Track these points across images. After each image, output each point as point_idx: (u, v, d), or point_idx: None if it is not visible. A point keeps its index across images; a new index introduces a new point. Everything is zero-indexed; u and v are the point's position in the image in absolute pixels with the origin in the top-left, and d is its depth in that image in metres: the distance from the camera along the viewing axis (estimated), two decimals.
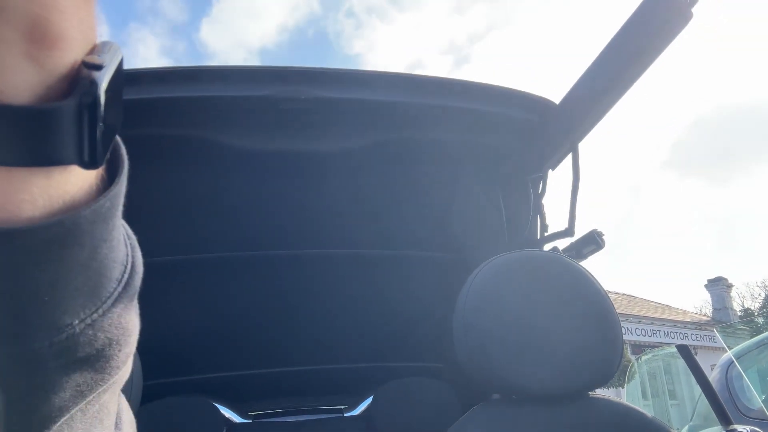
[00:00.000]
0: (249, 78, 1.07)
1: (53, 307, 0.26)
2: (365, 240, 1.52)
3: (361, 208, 1.45)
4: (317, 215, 1.46)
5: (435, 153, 1.28)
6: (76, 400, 0.30)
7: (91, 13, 0.26)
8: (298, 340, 1.78)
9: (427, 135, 1.22)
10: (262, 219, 1.46)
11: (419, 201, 1.44)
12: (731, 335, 4.72)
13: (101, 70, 0.25)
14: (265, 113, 1.11)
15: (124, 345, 0.31)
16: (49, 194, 0.25)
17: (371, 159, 1.25)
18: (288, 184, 1.34)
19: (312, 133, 1.17)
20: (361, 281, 1.62)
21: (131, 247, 0.32)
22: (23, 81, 0.23)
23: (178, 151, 1.18)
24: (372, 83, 1.13)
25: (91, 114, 0.24)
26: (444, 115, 1.16)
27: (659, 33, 0.94)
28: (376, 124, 1.17)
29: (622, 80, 1.04)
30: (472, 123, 1.19)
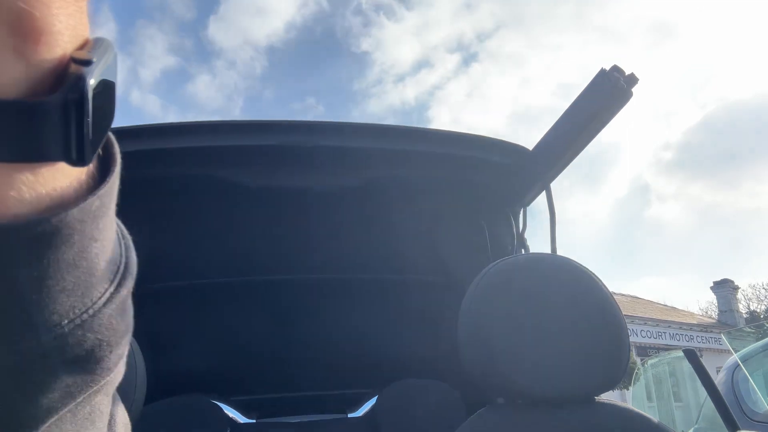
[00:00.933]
0: (260, 130, 1.26)
1: (41, 306, 0.26)
2: (364, 265, 1.69)
3: (359, 237, 1.61)
4: (321, 245, 1.63)
5: (426, 189, 1.46)
6: (65, 401, 0.29)
7: (81, 8, 0.25)
8: (303, 352, 1.90)
9: (419, 174, 1.40)
10: (269, 247, 1.63)
11: (412, 231, 1.60)
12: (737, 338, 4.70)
13: (90, 65, 0.25)
14: (275, 158, 1.29)
15: (115, 346, 0.31)
16: (36, 191, 0.25)
17: (368, 195, 1.42)
18: (293, 216, 1.51)
19: (316, 175, 1.35)
20: (356, 300, 1.78)
21: (125, 246, 0.31)
22: (8, 75, 0.23)
23: (198, 189, 1.38)
24: (369, 133, 1.33)
25: (78, 110, 0.24)
26: (434, 159, 1.35)
27: (605, 107, 1.15)
28: (373, 167, 1.35)
29: (582, 138, 1.23)
30: (458, 165, 1.38)
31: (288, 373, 1.95)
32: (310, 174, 1.35)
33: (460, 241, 1.59)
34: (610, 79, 1.11)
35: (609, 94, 1.12)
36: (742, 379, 3.14)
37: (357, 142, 1.31)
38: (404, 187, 1.42)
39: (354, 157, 1.33)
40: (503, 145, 1.38)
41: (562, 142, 1.25)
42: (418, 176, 1.40)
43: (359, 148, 1.31)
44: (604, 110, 1.15)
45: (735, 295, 23.20)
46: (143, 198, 1.17)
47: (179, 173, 1.30)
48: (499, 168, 1.39)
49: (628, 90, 1.11)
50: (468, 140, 1.37)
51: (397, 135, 1.34)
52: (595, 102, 1.15)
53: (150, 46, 40.73)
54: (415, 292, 1.75)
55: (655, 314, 20.24)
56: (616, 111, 1.16)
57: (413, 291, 1.75)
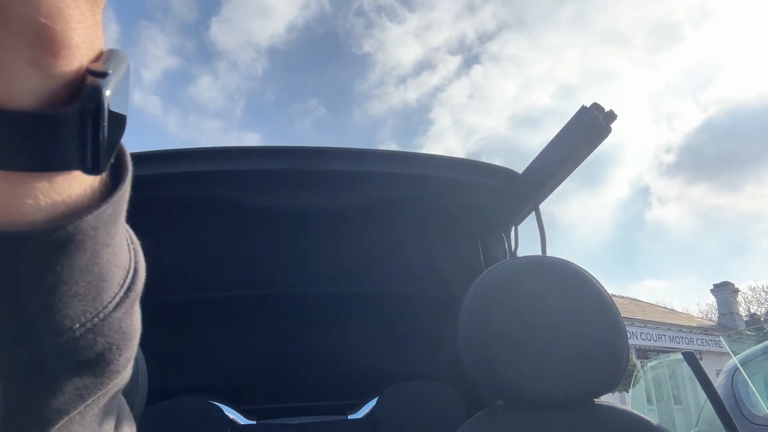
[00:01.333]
0: (270, 155, 1.37)
1: (54, 310, 0.27)
2: (365, 280, 1.79)
3: (360, 253, 1.73)
4: (324, 261, 1.74)
5: (424, 209, 1.55)
6: (75, 403, 0.30)
7: (97, 22, 0.26)
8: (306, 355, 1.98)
9: (417, 196, 1.49)
10: (275, 263, 1.74)
11: (410, 247, 1.70)
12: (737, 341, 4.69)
13: (106, 77, 0.25)
14: (284, 181, 1.41)
15: (124, 349, 0.31)
16: (52, 198, 0.25)
17: (369, 215, 1.53)
18: (298, 234, 1.62)
19: (320, 196, 1.45)
20: (356, 311, 1.88)
21: (134, 251, 0.32)
22: (28, 87, 0.24)
23: (210, 209, 1.48)
24: (369, 158, 1.44)
25: (94, 120, 0.25)
26: (430, 182, 1.45)
27: (585, 142, 1.23)
28: (373, 189, 1.46)
29: (565, 168, 1.32)
30: (452, 187, 1.47)
31: (291, 381, 2.02)
32: (314, 195, 1.45)
33: (455, 257, 1.69)
34: (590, 116, 1.18)
35: (589, 130, 1.19)
36: (741, 382, 3.14)
37: (358, 167, 1.41)
38: (403, 207, 1.52)
39: (355, 180, 1.43)
40: (494, 169, 1.47)
41: (548, 170, 1.34)
42: (415, 197, 1.50)
43: (360, 172, 1.42)
44: (585, 144, 1.23)
45: (735, 297, 23.17)
46: (161, 217, 1.32)
47: (194, 195, 1.40)
48: (491, 190, 1.48)
49: (607, 126, 1.18)
50: (461, 164, 1.48)
51: (395, 160, 1.44)
52: (576, 137, 1.23)
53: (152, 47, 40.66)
54: (413, 304, 1.83)
55: (654, 317, 20.22)
56: (595, 145, 1.24)
57: (411, 304, 1.83)
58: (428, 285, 1.80)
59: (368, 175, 1.41)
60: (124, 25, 38.40)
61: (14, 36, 0.23)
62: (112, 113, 0.26)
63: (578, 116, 1.21)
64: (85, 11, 0.25)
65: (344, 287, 1.79)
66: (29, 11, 0.23)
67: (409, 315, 1.81)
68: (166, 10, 42.18)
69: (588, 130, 1.19)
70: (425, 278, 1.78)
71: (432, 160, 1.45)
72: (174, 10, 41.88)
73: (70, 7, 0.24)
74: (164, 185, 1.32)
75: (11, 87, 0.23)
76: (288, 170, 1.36)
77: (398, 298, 1.82)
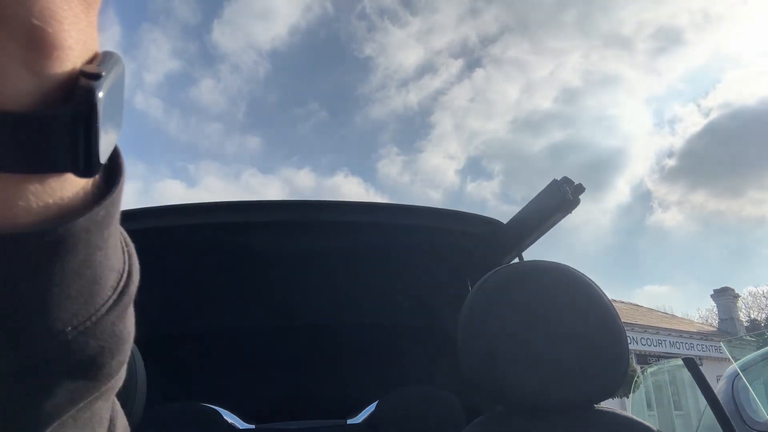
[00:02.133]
0: (276, 208, 1.51)
1: (46, 313, 0.26)
2: (363, 311, 1.95)
3: (359, 291, 1.86)
4: (325, 296, 1.89)
5: (417, 252, 1.69)
6: (67, 407, 0.29)
7: (91, 24, 0.26)
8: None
9: (411, 241, 1.63)
10: (282, 296, 1.88)
11: (405, 284, 1.85)
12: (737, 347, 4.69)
13: (99, 79, 0.25)
14: (288, 230, 1.55)
15: (117, 353, 0.31)
16: (44, 201, 0.25)
17: (369, 256, 1.68)
18: (304, 275, 1.76)
19: (319, 241, 1.60)
20: (351, 340, 2.03)
21: (128, 254, 0.32)
22: (20, 88, 0.24)
23: (216, 252, 1.62)
24: (365, 210, 1.60)
25: (86, 122, 0.25)
26: (422, 230, 1.60)
27: (556, 211, 1.34)
28: (375, 235, 1.60)
29: (541, 229, 1.44)
30: (443, 234, 1.62)
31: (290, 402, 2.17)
32: (315, 241, 1.60)
33: (446, 292, 1.82)
34: (560, 190, 1.29)
35: (559, 202, 1.30)
36: (742, 387, 3.13)
37: (355, 218, 1.56)
38: (398, 250, 1.67)
39: (352, 229, 1.58)
40: (481, 219, 1.62)
41: (526, 228, 1.48)
42: (410, 242, 1.64)
43: (356, 222, 1.56)
44: (556, 214, 1.35)
45: (735, 303, 23.15)
46: (176, 260, 1.50)
47: (202, 241, 1.56)
48: (479, 237, 1.61)
49: (575, 199, 1.29)
50: (451, 215, 1.63)
51: (391, 211, 1.61)
52: (548, 207, 1.35)
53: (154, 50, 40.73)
54: (406, 334, 1.99)
55: (655, 322, 20.21)
56: (566, 214, 1.36)
57: (404, 334, 2.00)
58: (419, 317, 1.95)
59: (363, 225, 1.56)
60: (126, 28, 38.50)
61: (6, 37, 0.23)
62: (106, 115, 0.26)
63: (549, 189, 1.33)
64: (78, 13, 0.25)
65: (344, 317, 1.94)
66: (21, 12, 0.23)
67: (400, 341, 1.98)
68: (168, 13, 42.28)
69: (558, 202, 1.30)
70: (417, 311, 1.94)
71: (424, 211, 1.60)
72: (176, 13, 41.98)
73: (63, 9, 0.24)
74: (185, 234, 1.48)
75: (3, 88, 0.23)
76: (298, 221, 1.49)
77: (392, 327, 1.98)
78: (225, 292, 1.81)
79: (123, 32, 36.83)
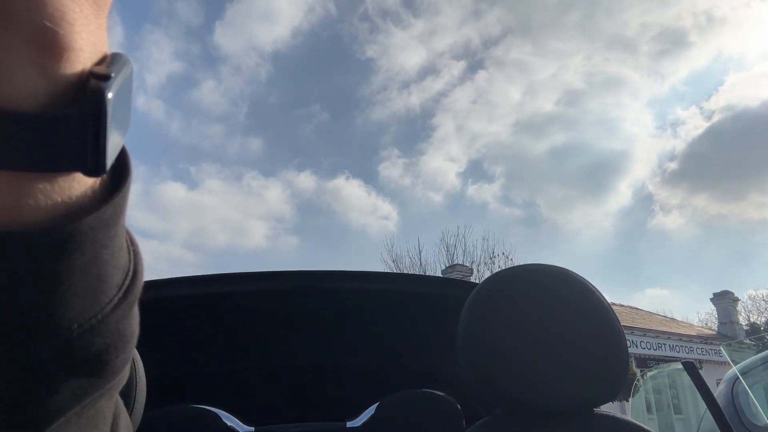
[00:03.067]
0: (274, 279, 1.62)
1: (52, 310, 0.27)
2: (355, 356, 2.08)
3: (357, 343, 2.00)
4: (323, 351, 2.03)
5: (409, 311, 1.82)
6: (71, 403, 0.30)
7: (101, 26, 0.27)
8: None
9: (402, 303, 1.78)
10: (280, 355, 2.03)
11: (401, 335, 1.97)
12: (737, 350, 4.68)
13: (108, 80, 0.26)
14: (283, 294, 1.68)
15: (121, 351, 0.31)
16: (52, 199, 0.26)
17: (364, 313, 1.82)
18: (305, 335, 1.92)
19: (319, 304, 1.74)
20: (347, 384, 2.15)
21: (134, 253, 0.32)
22: (30, 88, 0.24)
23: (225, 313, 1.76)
24: (358, 278, 1.71)
25: (95, 122, 0.25)
26: (413, 295, 1.75)
27: None
28: (366, 296, 1.74)
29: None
30: (429, 297, 1.76)
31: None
32: (316, 306, 1.75)
33: (435, 337, 1.89)
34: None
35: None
36: (741, 391, 3.13)
37: (351, 285, 1.69)
38: (394, 309, 1.82)
39: (350, 296, 1.73)
40: (462, 283, 1.75)
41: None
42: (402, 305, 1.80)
43: (352, 289, 1.70)
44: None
45: (735, 306, 23.13)
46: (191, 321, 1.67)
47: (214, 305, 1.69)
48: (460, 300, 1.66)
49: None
50: (441, 281, 1.83)
51: (382, 279, 1.80)
52: None
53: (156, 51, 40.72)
54: (403, 377, 2.10)
55: (654, 325, 20.19)
56: None
57: (401, 377, 2.11)
58: (416, 362, 2.07)
59: (357, 291, 1.70)
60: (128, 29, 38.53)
61: (18, 38, 0.23)
62: (114, 116, 0.26)
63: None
64: (89, 15, 0.25)
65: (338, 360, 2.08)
66: (33, 14, 0.23)
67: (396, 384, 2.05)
68: (170, 14, 42.28)
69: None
70: (414, 356, 2.06)
71: (414, 278, 1.86)
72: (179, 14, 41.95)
73: (74, 11, 0.25)
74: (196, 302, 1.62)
75: (14, 88, 0.24)
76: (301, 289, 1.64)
77: (390, 370, 2.11)
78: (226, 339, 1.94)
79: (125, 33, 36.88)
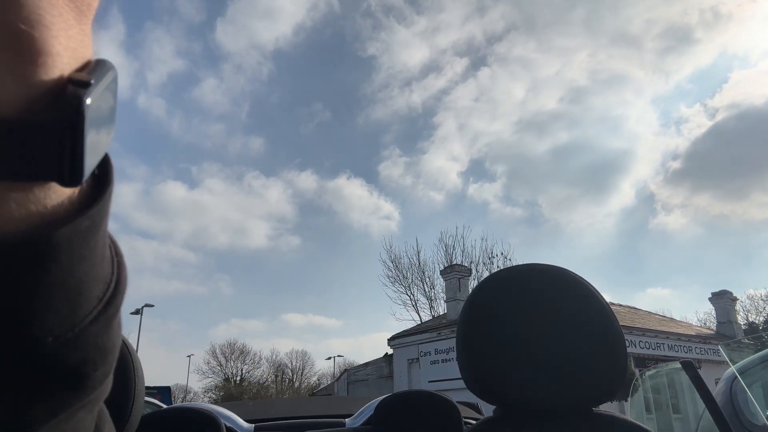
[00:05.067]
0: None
1: (25, 324, 0.26)
2: None
3: None
4: None
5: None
6: (47, 418, 0.29)
7: (84, 31, 0.26)
8: None
9: None
10: None
11: None
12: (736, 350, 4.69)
13: (88, 87, 0.25)
14: None
15: (101, 364, 0.30)
16: (26, 209, 0.25)
17: None
18: None
19: None
20: None
21: (117, 263, 0.31)
22: (4, 93, 0.23)
23: None
24: None
25: (73, 131, 0.24)
26: None
27: None
28: None
29: None
30: None
31: None
32: None
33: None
34: None
35: None
36: (740, 390, 3.13)
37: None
38: None
39: None
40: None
41: None
42: None
43: None
44: None
45: (733, 306, 23.14)
46: None
47: None
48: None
49: None
50: None
51: None
52: None
53: (157, 49, 40.63)
54: None
55: (653, 325, 20.19)
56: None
57: None
58: None
59: None
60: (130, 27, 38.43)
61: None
62: (94, 124, 0.25)
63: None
64: (68, 19, 0.25)
65: None
66: (8, 16, 0.23)
67: None
68: (172, 12, 42.21)
69: None
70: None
71: None
72: (180, 11, 41.89)
73: (51, 14, 0.24)
74: None
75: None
76: None
77: None
78: None
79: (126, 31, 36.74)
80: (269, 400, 7.61)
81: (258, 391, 37.03)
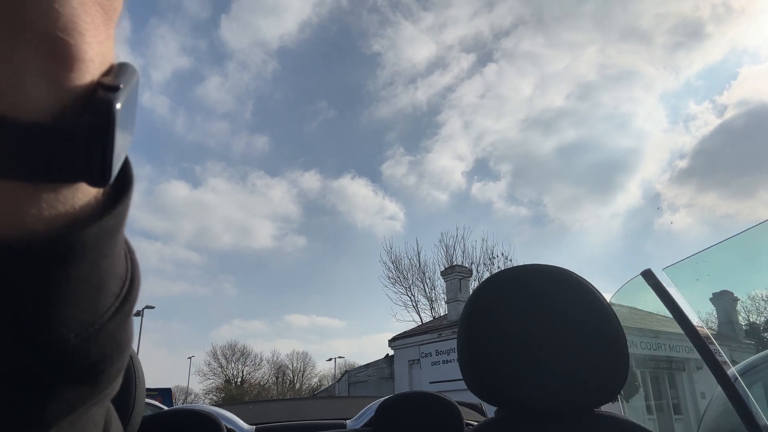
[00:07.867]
0: None
1: (49, 321, 0.27)
2: None
3: None
4: None
5: None
6: (66, 412, 0.30)
7: (110, 36, 0.27)
8: None
9: None
10: None
11: None
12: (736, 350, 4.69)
13: (117, 91, 0.26)
14: None
15: (116, 359, 0.31)
16: (56, 209, 0.26)
17: None
18: None
19: None
20: None
21: (131, 260, 0.32)
22: (40, 99, 0.24)
23: None
24: None
25: (103, 134, 0.25)
26: None
27: None
28: None
29: None
30: None
31: None
32: None
33: None
34: None
35: None
36: (741, 391, 3.12)
37: None
38: None
39: None
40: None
41: None
42: None
43: None
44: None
45: (734, 306, 23.12)
46: None
47: None
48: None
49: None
50: None
51: None
52: None
53: (161, 46, 40.58)
54: None
55: (653, 325, 20.18)
56: None
57: None
58: None
59: None
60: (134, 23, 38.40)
61: (30, 49, 0.23)
62: (122, 127, 0.26)
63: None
64: (99, 25, 0.25)
65: None
66: (46, 24, 0.23)
67: None
68: (177, 8, 42.15)
69: None
70: None
71: None
72: (185, 8, 41.79)
73: (85, 22, 0.25)
74: None
75: (24, 99, 0.24)
76: None
77: None
78: None
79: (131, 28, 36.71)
80: (269, 401, 7.60)
81: (259, 393, 37.01)
